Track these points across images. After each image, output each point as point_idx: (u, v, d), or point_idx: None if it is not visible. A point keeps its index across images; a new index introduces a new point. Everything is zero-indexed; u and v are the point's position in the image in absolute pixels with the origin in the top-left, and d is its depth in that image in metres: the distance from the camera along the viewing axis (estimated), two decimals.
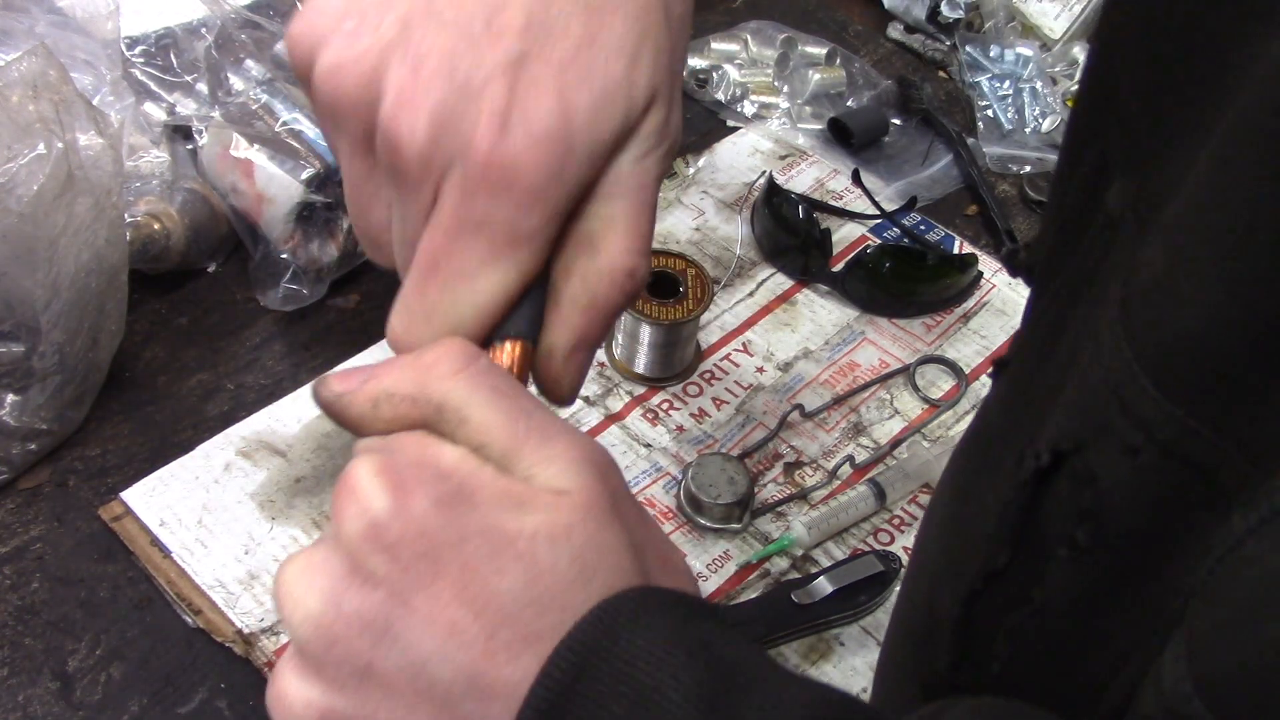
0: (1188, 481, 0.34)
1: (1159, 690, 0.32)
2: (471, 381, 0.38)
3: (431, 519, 0.36)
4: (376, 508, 0.36)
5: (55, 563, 0.79)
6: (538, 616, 0.35)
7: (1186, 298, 0.33)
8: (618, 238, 0.41)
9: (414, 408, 0.38)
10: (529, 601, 0.35)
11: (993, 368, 0.56)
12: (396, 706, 0.36)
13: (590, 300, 0.42)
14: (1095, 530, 0.38)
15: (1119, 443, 0.36)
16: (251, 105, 0.96)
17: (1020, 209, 1.14)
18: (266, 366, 0.92)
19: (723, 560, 0.83)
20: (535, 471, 0.37)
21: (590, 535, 0.36)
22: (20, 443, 0.81)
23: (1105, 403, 0.36)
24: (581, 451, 0.38)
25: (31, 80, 0.76)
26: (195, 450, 0.85)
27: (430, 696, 0.35)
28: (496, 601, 0.35)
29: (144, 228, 0.91)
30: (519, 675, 0.34)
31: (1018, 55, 1.25)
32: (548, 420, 0.38)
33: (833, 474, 0.89)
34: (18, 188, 0.74)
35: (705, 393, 0.94)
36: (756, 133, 1.18)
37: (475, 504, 0.36)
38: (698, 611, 0.36)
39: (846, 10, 1.36)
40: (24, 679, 0.73)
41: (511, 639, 0.35)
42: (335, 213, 0.94)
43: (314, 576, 0.37)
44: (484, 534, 0.36)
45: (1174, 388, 0.34)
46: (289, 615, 0.37)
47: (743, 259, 1.05)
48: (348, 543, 0.37)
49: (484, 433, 0.37)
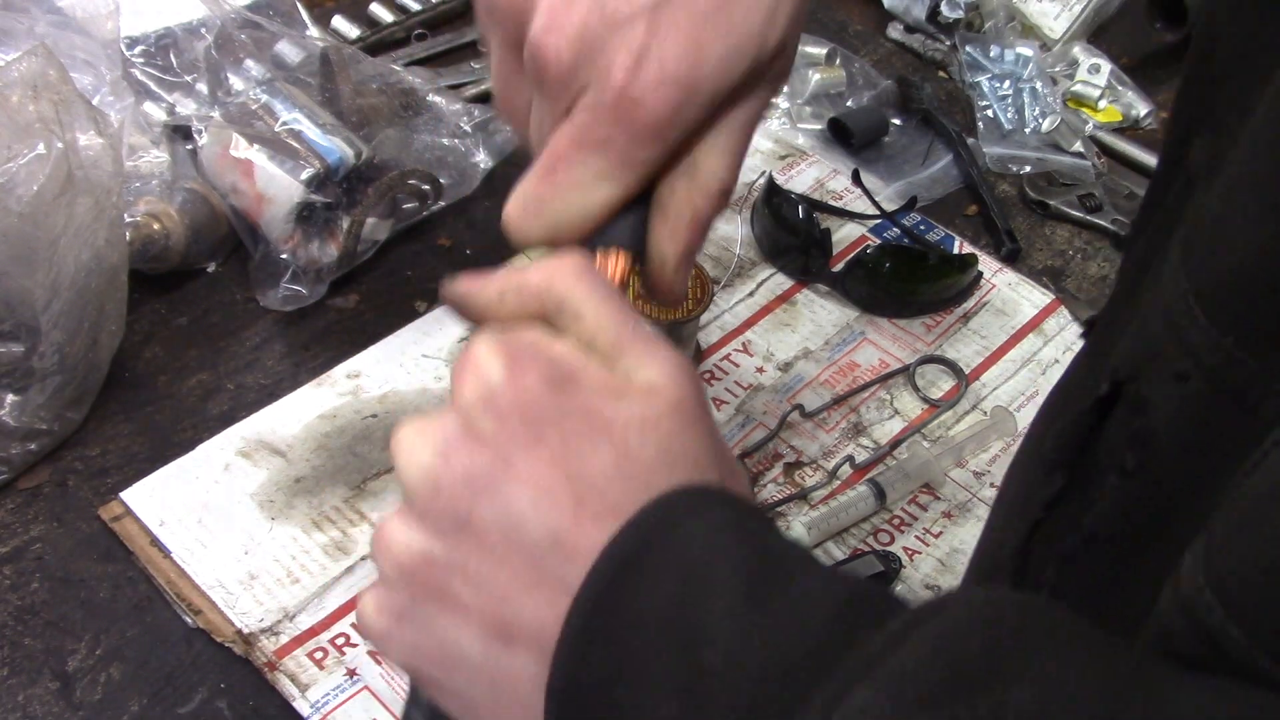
0: (1229, 409, 0.37)
1: (1176, 590, 0.34)
2: (590, 286, 0.43)
3: (540, 394, 0.40)
4: (493, 378, 0.40)
5: (55, 563, 0.79)
6: (622, 493, 0.38)
7: (1239, 232, 0.36)
8: (718, 162, 0.47)
9: (536, 301, 0.43)
10: (616, 478, 0.38)
11: (1083, 325, 0.60)
12: (488, 557, 0.39)
13: (694, 215, 0.48)
14: (1143, 455, 0.41)
15: (1170, 370, 0.39)
16: (251, 105, 0.96)
17: (1020, 209, 1.14)
18: (266, 366, 0.92)
19: None
20: (634, 369, 0.41)
21: (675, 430, 0.40)
22: (20, 443, 0.81)
23: (1162, 334, 0.39)
24: (675, 359, 0.42)
25: (31, 80, 0.76)
26: (195, 450, 0.85)
27: (519, 550, 0.38)
28: (588, 474, 0.38)
29: (144, 228, 0.91)
30: (601, 541, 0.37)
31: (1018, 55, 1.25)
32: (648, 331, 0.43)
33: (833, 474, 0.89)
34: (18, 188, 0.74)
35: (705, 393, 0.94)
36: (757, 133, 1.18)
37: (579, 388, 0.40)
38: (752, 513, 0.39)
39: (846, 10, 1.36)
40: (24, 679, 0.73)
41: (598, 509, 0.38)
42: (335, 213, 0.94)
43: (430, 434, 0.41)
44: (584, 414, 0.40)
45: (1223, 318, 0.37)
46: (403, 466, 0.41)
47: (743, 259, 1.05)
48: (463, 406, 0.41)
49: (595, 330, 0.42)
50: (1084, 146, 1.20)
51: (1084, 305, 1.04)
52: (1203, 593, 0.33)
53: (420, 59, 1.21)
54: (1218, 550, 0.33)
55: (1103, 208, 1.13)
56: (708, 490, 0.39)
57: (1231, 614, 0.32)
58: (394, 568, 0.41)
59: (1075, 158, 1.19)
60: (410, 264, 1.01)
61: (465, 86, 1.18)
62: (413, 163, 0.99)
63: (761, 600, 0.35)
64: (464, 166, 1.04)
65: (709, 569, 0.36)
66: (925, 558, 0.85)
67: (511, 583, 0.38)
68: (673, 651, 0.35)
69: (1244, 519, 0.33)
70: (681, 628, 0.35)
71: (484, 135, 1.05)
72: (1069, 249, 1.11)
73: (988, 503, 0.88)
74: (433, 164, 1.01)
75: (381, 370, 0.92)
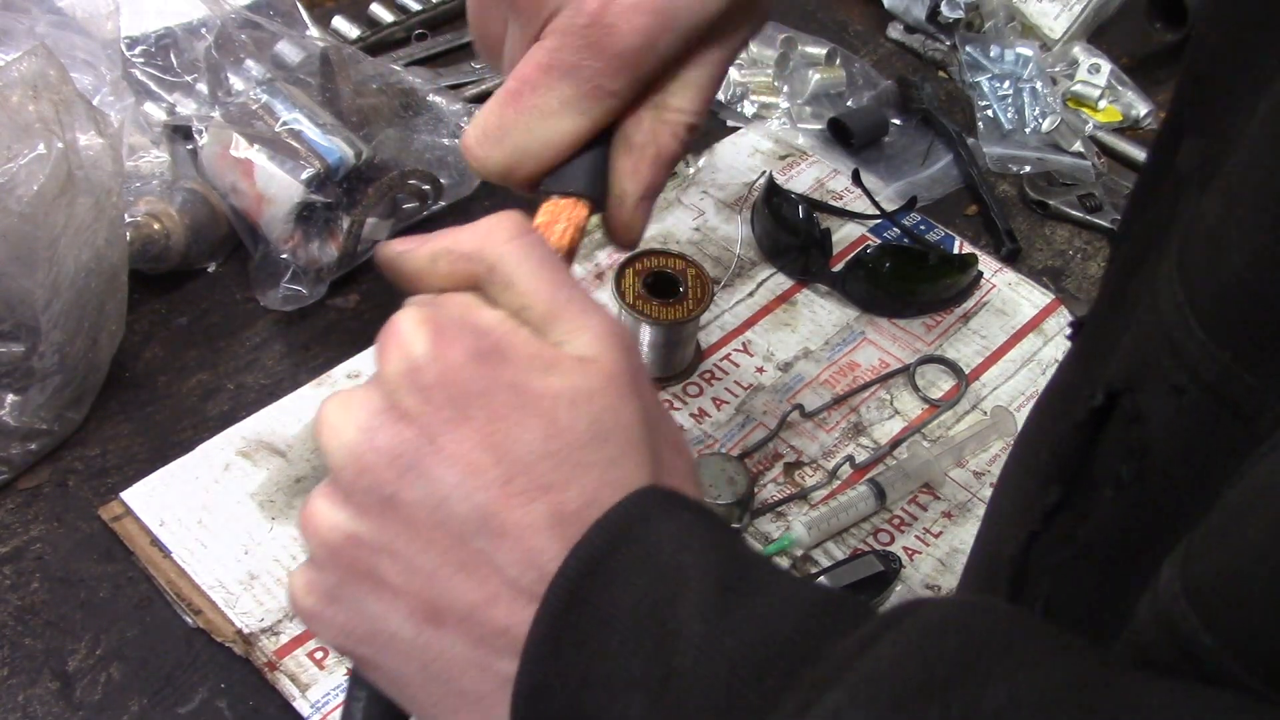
0: (1226, 423, 0.36)
1: (1155, 597, 0.34)
2: (524, 249, 0.41)
3: (466, 369, 0.38)
4: (417, 352, 0.39)
5: (55, 563, 0.79)
6: (552, 469, 0.37)
7: (1236, 244, 0.35)
8: (688, 98, 0.45)
9: (468, 264, 0.41)
10: (546, 454, 0.37)
11: (1069, 327, 0.59)
12: (415, 537, 0.38)
13: (658, 151, 0.46)
14: (1139, 468, 0.40)
15: (1166, 383, 0.38)
16: (251, 105, 0.96)
17: (1020, 209, 1.14)
18: (266, 366, 0.92)
19: None
20: (567, 339, 0.40)
21: (609, 403, 0.39)
22: (20, 443, 0.81)
23: (1157, 346, 0.38)
24: (610, 328, 0.40)
25: (31, 80, 0.76)
26: (195, 450, 0.85)
27: (446, 530, 0.38)
28: (516, 450, 0.37)
29: (144, 228, 0.91)
30: (529, 520, 0.37)
31: (1018, 55, 1.25)
32: (583, 297, 0.41)
33: (833, 474, 0.89)
34: (18, 188, 0.74)
35: (705, 393, 0.94)
36: (756, 133, 1.18)
37: (508, 361, 0.39)
38: (718, 522, 0.39)
39: (846, 10, 1.36)
40: (24, 679, 0.73)
41: (526, 486, 0.37)
42: (335, 213, 0.94)
43: (353, 410, 0.39)
44: (512, 388, 0.38)
45: (1220, 331, 0.36)
46: (326, 443, 0.40)
47: (743, 259, 1.05)
48: (386, 382, 0.39)
49: (527, 297, 0.40)
50: (1084, 146, 1.20)
51: (1084, 305, 1.04)
52: (1178, 601, 0.32)
53: (420, 59, 1.21)
54: (1194, 559, 0.33)
55: (1103, 208, 1.13)
56: (673, 494, 0.38)
57: (1205, 621, 0.32)
58: (321, 547, 0.40)
59: (1075, 158, 1.19)
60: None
61: (465, 86, 1.18)
62: (413, 163, 0.99)
63: (733, 603, 0.35)
64: (464, 166, 1.03)
65: (680, 571, 0.35)
66: (925, 558, 0.85)
67: (440, 563, 0.38)
68: (643, 652, 0.34)
69: (1219, 527, 0.32)
70: (652, 628, 0.35)
71: None
72: (1069, 249, 1.11)
73: (988, 503, 0.88)
74: (433, 164, 1.01)
75: None
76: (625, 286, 0.90)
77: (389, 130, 0.99)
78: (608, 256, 1.03)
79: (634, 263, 0.92)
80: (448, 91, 1.08)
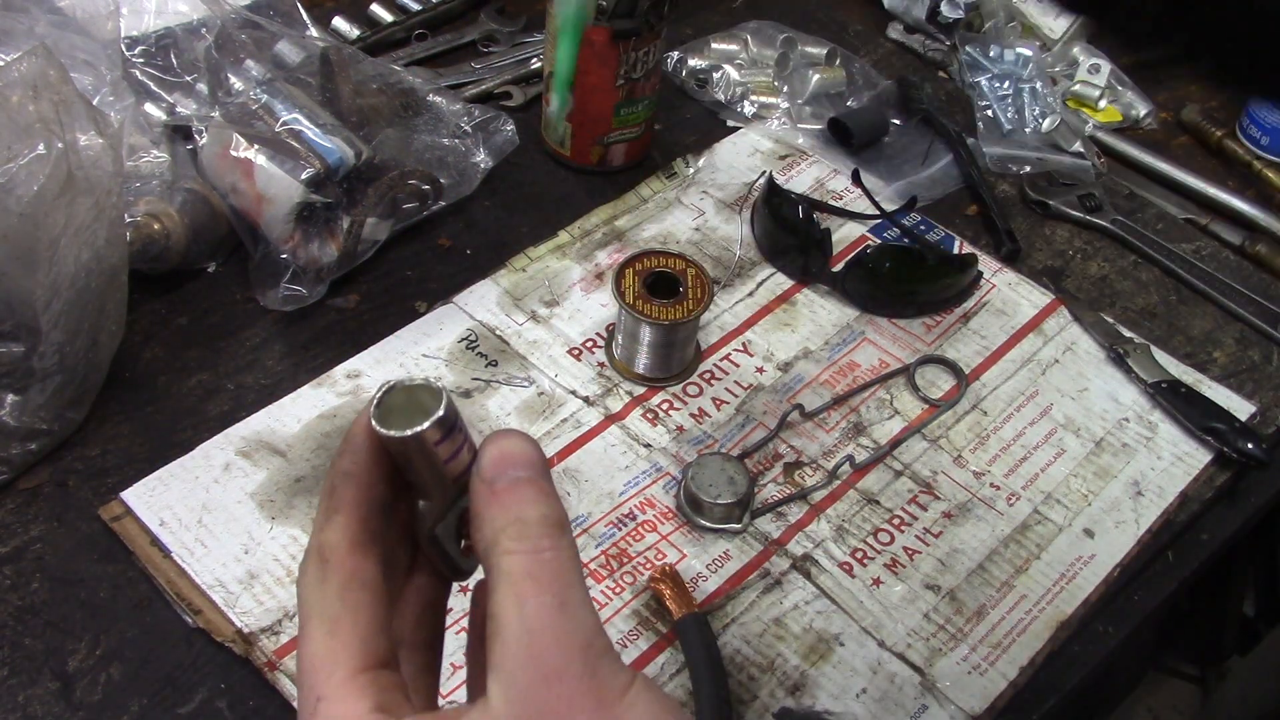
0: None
1: None
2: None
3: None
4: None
5: (55, 563, 0.79)
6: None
7: None
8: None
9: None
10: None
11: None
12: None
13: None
14: None
15: None
16: (251, 105, 0.96)
17: (1020, 209, 1.14)
18: (266, 366, 0.92)
19: (722, 560, 0.83)
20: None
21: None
22: (20, 443, 0.82)
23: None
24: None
25: (31, 80, 0.76)
26: (195, 450, 0.85)
27: None
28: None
29: (144, 228, 0.91)
30: None
31: (1017, 55, 1.25)
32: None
33: (833, 474, 0.89)
34: (18, 188, 0.74)
35: (705, 393, 0.94)
36: (756, 133, 1.18)
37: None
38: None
39: (846, 10, 1.36)
40: (24, 679, 0.73)
41: None
42: (335, 213, 0.94)
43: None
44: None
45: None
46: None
47: (743, 259, 1.05)
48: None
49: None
50: (1084, 146, 1.20)
51: (1084, 305, 1.04)
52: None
53: (420, 59, 1.22)
54: None
55: (1103, 208, 1.13)
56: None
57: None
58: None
59: (1075, 158, 1.19)
60: (410, 264, 1.01)
61: (465, 86, 1.18)
62: (413, 163, 0.99)
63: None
64: (464, 166, 1.04)
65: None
66: (925, 558, 0.85)
67: None
68: None
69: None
70: None
71: (484, 135, 1.05)
72: (1069, 249, 1.11)
73: (988, 502, 0.88)
74: (433, 164, 1.01)
75: (381, 370, 0.92)
76: (625, 286, 0.90)
77: (389, 130, 0.99)
78: (608, 256, 1.03)
79: (634, 263, 0.92)
80: (448, 91, 1.08)
